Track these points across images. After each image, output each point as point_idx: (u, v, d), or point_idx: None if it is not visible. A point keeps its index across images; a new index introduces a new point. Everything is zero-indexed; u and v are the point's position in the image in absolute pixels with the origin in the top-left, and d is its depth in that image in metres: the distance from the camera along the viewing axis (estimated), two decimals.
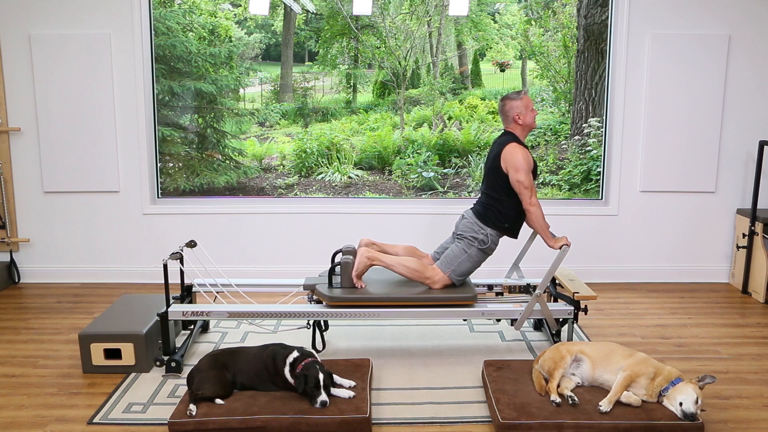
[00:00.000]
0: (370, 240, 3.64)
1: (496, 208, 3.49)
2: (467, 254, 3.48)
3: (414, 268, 3.46)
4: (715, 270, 5.04)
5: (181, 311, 3.40)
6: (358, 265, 3.44)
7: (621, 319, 4.22)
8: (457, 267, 3.48)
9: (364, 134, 4.97)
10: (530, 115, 3.51)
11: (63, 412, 2.96)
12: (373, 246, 3.62)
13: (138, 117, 4.77)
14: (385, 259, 3.48)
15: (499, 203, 3.48)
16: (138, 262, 4.97)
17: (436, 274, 3.48)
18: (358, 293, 3.41)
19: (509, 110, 3.50)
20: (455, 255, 3.50)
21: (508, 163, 3.40)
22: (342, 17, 4.82)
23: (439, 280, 3.48)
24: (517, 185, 3.39)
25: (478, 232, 3.49)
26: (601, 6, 4.77)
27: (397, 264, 3.48)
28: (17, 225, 4.91)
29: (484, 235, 3.48)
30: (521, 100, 3.49)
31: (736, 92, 4.78)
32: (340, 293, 3.40)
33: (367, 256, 3.45)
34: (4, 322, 4.14)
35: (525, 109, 3.49)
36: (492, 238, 3.50)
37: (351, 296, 3.39)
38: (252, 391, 2.93)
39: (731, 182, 4.92)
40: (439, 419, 2.89)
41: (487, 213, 3.51)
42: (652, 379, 2.79)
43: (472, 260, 3.50)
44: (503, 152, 3.42)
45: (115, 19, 4.65)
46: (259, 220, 4.94)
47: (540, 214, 3.41)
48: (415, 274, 3.47)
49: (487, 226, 3.49)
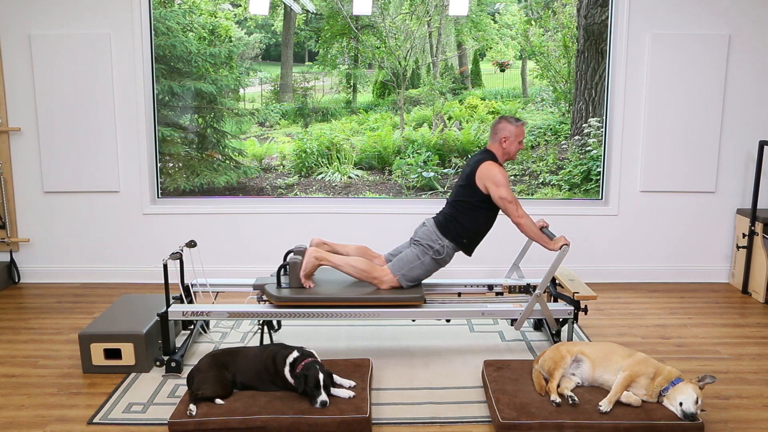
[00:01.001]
0: (321, 240, 3.63)
1: (458, 222, 3.49)
2: (420, 261, 3.48)
3: (362, 268, 3.45)
4: (715, 270, 5.04)
5: (181, 311, 3.40)
6: (305, 266, 3.43)
7: (621, 319, 4.22)
8: (408, 272, 3.47)
9: (364, 134, 4.97)
10: (516, 145, 3.52)
11: (63, 412, 2.96)
12: (323, 246, 3.60)
13: (138, 117, 4.77)
14: (333, 259, 3.46)
15: (461, 217, 3.49)
16: (138, 262, 4.97)
17: (384, 275, 3.46)
18: (306, 293, 3.39)
19: (500, 130, 3.51)
20: (408, 260, 3.49)
21: (487, 180, 3.40)
22: (342, 17, 4.83)
23: (387, 281, 3.46)
24: (500, 202, 3.38)
25: (435, 241, 3.49)
26: (601, 6, 4.77)
27: (345, 264, 3.46)
28: (17, 225, 4.92)
29: (440, 246, 3.48)
30: (516, 127, 3.50)
31: (736, 92, 4.78)
32: (287, 293, 3.39)
33: (314, 256, 3.43)
34: (4, 322, 4.14)
35: (515, 137, 3.50)
36: (448, 250, 3.50)
37: (298, 296, 3.37)
38: (252, 391, 2.93)
39: (731, 182, 4.92)
40: (439, 419, 2.89)
41: (448, 225, 3.51)
42: (652, 379, 2.79)
43: (424, 267, 3.49)
44: (480, 169, 3.42)
45: (115, 19, 4.65)
46: (259, 220, 4.93)
47: (530, 223, 3.40)
48: (362, 274, 3.46)
49: (445, 237, 3.49)
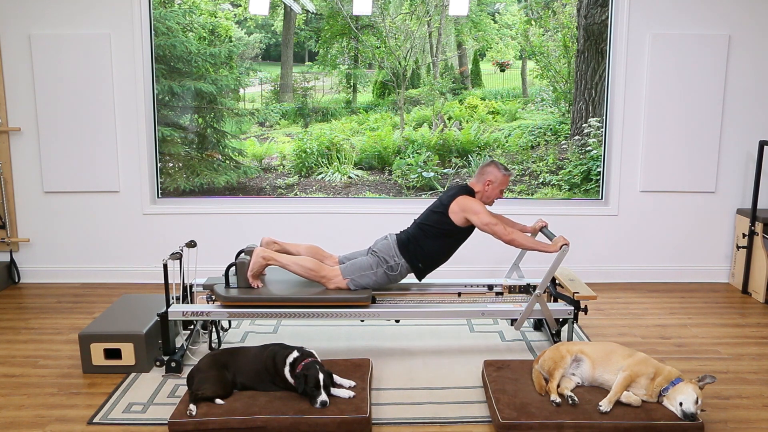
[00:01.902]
0: (272, 239, 3.63)
1: (419, 245, 3.50)
2: (373, 271, 3.48)
3: (309, 267, 3.44)
4: (715, 270, 5.04)
5: (181, 311, 3.40)
6: (253, 265, 3.42)
7: (621, 319, 4.22)
8: (358, 278, 3.47)
9: (364, 134, 4.97)
10: (497, 192, 3.56)
11: (63, 412, 2.96)
12: (273, 245, 3.60)
13: (138, 117, 4.77)
14: (281, 259, 3.45)
15: (425, 241, 3.50)
16: (138, 262, 4.97)
17: (333, 275, 3.46)
18: (252, 293, 3.39)
19: (487, 174, 3.55)
20: (362, 267, 3.49)
21: (467, 212, 3.42)
22: (342, 17, 4.82)
23: (335, 282, 3.46)
24: (486, 228, 3.39)
25: (391, 257, 3.50)
26: (601, 6, 4.77)
27: (292, 263, 3.46)
28: (17, 225, 4.91)
29: (395, 263, 3.50)
30: (503, 176, 3.54)
31: (736, 92, 4.78)
32: (234, 293, 3.39)
33: (262, 256, 3.43)
34: (4, 322, 4.14)
35: (498, 184, 3.55)
36: (401, 269, 3.51)
37: (244, 296, 3.37)
38: (252, 391, 2.93)
39: (731, 182, 4.92)
40: (439, 419, 2.89)
41: (409, 245, 3.52)
42: (652, 379, 2.79)
43: (376, 279, 3.50)
44: (457, 201, 3.45)
45: (115, 19, 4.65)
46: (259, 220, 4.93)
47: (522, 237, 3.40)
48: (310, 273, 3.45)
49: (402, 256, 3.51)
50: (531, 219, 4.18)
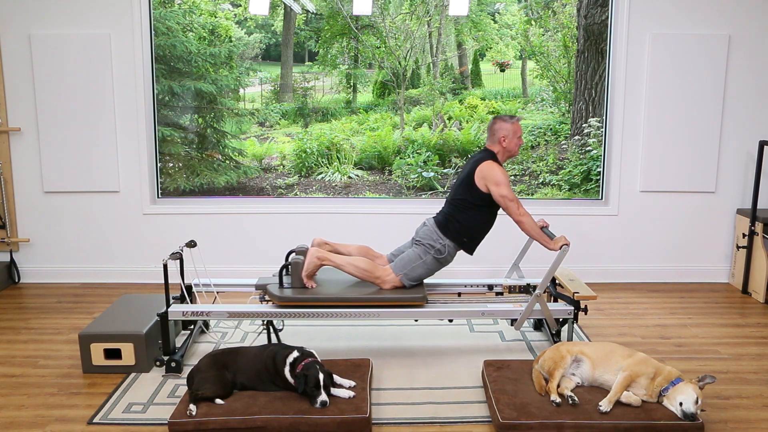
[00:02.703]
0: (323, 239, 3.63)
1: (457, 221, 3.49)
2: (422, 260, 3.48)
3: (364, 268, 3.45)
4: (715, 270, 5.04)
5: (181, 311, 3.40)
6: (307, 266, 3.43)
7: (621, 319, 4.22)
8: (410, 271, 3.47)
9: (364, 134, 4.97)
10: (515, 141, 3.52)
11: (63, 412, 2.96)
12: (325, 246, 3.60)
13: (138, 117, 4.77)
14: (335, 259, 3.46)
15: (461, 216, 3.49)
16: (138, 262, 4.97)
17: (386, 275, 3.47)
18: (307, 293, 3.40)
19: (497, 130, 3.51)
20: (410, 259, 3.49)
21: (488, 179, 3.39)
22: (342, 17, 4.82)
23: (390, 281, 3.46)
24: (501, 200, 3.38)
25: (436, 241, 3.49)
26: (601, 6, 4.77)
27: (347, 264, 3.46)
28: (17, 225, 4.92)
29: (441, 245, 3.48)
30: (512, 124, 3.50)
31: (736, 92, 4.78)
32: (289, 293, 3.39)
33: (316, 256, 3.44)
34: (4, 322, 4.14)
35: (512, 134, 3.50)
36: (449, 249, 3.50)
37: (300, 296, 3.38)
38: (252, 391, 2.93)
39: (731, 182, 4.92)
40: (439, 419, 2.89)
41: (448, 224, 3.51)
42: (652, 379, 2.79)
43: (426, 267, 3.49)
44: (479, 168, 3.42)
45: (115, 19, 4.65)
46: (259, 220, 4.93)
47: (531, 222, 3.40)
48: (365, 274, 3.46)
49: (446, 236, 3.49)
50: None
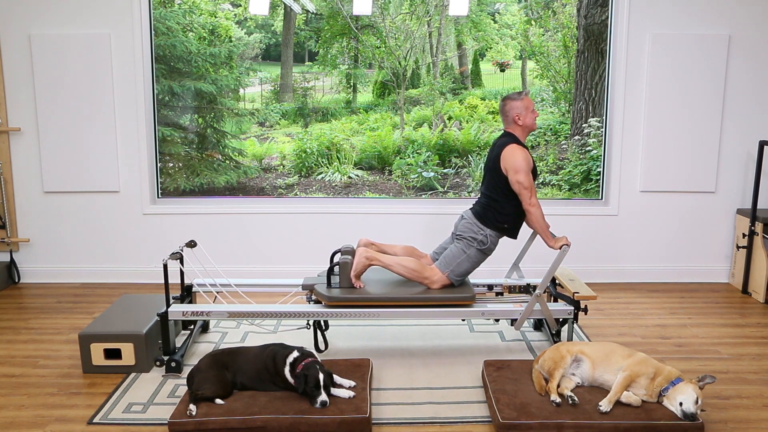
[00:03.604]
0: (369, 240, 3.64)
1: (495, 209, 3.49)
2: (466, 254, 3.49)
3: (412, 268, 3.46)
4: (715, 270, 5.04)
5: (181, 311, 3.40)
6: (356, 266, 3.44)
7: (621, 319, 4.22)
8: (456, 267, 3.48)
9: (364, 134, 4.97)
10: (530, 116, 3.50)
11: (63, 412, 2.96)
12: (371, 246, 3.62)
13: (138, 117, 4.77)
14: (384, 259, 3.48)
15: (498, 204, 3.48)
16: (138, 262, 4.97)
17: (434, 274, 3.48)
18: (357, 293, 3.41)
19: (510, 110, 3.50)
20: (454, 255, 3.50)
21: (508, 164, 3.39)
22: (342, 17, 4.82)
23: (438, 280, 3.48)
24: (516, 186, 3.38)
25: (477, 232, 3.49)
26: (601, 6, 4.77)
27: (396, 264, 3.48)
28: (17, 225, 4.91)
29: (483, 236, 3.49)
30: (522, 101, 3.48)
31: (735, 92, 4.78)
32: (338, 293, 3.40)
33: (365, 256, 3.45)
34: (4, 322, 4.14)
35: (525, 110, 3.48)
36: (491, 238, 3.50)
37: (349, 296, 3.39)
38: (252, 391, 2.93)
39: (731, 182, 4.92)
40: (439, 419, 2.89)
41: (486, 214, 3.51)
42: (652, 379, 2.79)
43: (471, 260, 3.50)
44: (503, 153, 3.42)
45: (115, 19, 4.65)
46: (259, 220, 4.93)
47: (540, 214, 3.40)
48: (413, 274, 3.47)
49: (486, 226, 3.49)
50: None
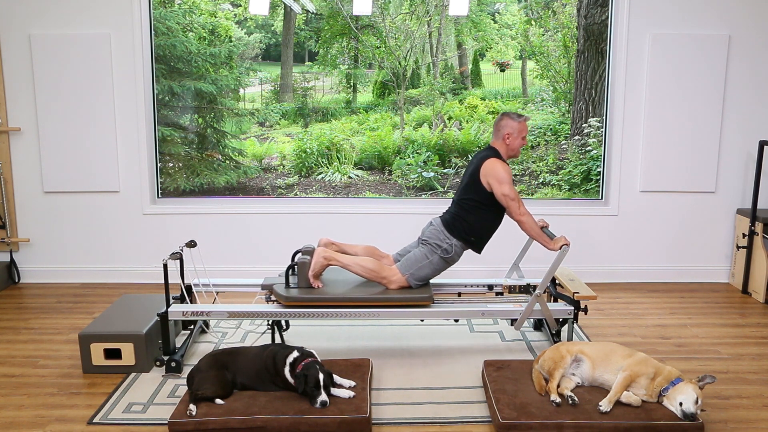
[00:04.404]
0: (329, 240, 3.63)
1: (465, 220, 3.49)
2: (429, 260, 3.48)
3: (370, 268, 3.45)
4: (715, 270, 5.04)
5: (181, 311, 3.40)
6: (314, 265, 3.43)
7: (621, 319, 4.22)
8: (416, 271, 3.47)
9: (364, 134, 4.97)
10: (519, 141, 3.51)
11: (63, 412, 2.96)
12: (332, 246, 3.60)
13: (138, 117, 4.77)
14: (342, 259, 3.46)
15: (468, 215, 3.48)
16: (138, 262, 4.97)
17: (393, 275, 3.47)
18: (314, 293, 3.40)
19: (503, 127, 3.51)
20: (417, 259, 3.49)
21: (490, 177, 3.39)
22: (342, 17, 4.82)
23: (396, 281, 3.46)
24: (503, 199, 3.38)
25: (443, 240, 3.49)
26: (601, 6, 4.77)
27: (354, 264, 3.47)
28: (17, 225, 4.91)
29: (448, 245, 3.48)
30: (519, 123, 3.49)
31: (735, 92, 4.78)
32: (296, 293, 3.39)
33: (323, 256, 3.44)
34: (4, 322, 4.14)
35: (518, 133, 3.50)
36: (456, 249, 3.50)
37: (306, 296, 3.38)
38: (252, 391, 2.93)
39: (731, 182, 4.92)
40: (439, 419, 2.89)
41: (455, 223, 3.50)
42: (652, 379, 2.79)
43: (433, 267, 3.49)
44: (483, 166, 3.42)
45: (115, 19, 4.65)
46: (259, 220, 4.93)
47: (532, 221, 3.39)
48: (371, 274, 3.46)
49: (452, 236, 3.49)
50: None
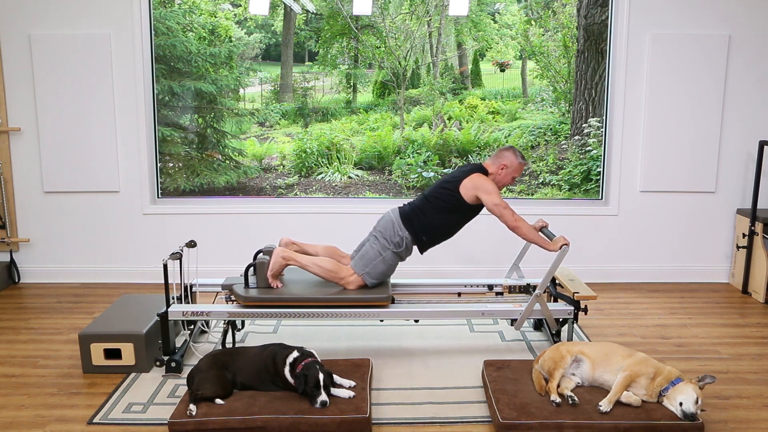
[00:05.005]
0: (290, 239, 3.63)
1: (425, 216, 3.48)
2: (382, 257, 3.47)
3: (328, 269, 3.45)
4: (715, 270, 5.04)
5: (181, 311, 3.40)
6: (273, 265, 3.43)
7: (621, 319, 4.22)
8: (371, 269, 3.47)
9: (364, 134, 4.97)
10: (509, 176, 3.54)
11: (63, 412, 2.96)
12: (292, 245, 3.60)
13: (138, 117, 4.77)
14: (300, 259, 3.46)
15: (431, 214, 3.48)
16: (138, 262, 4.97)
17: (349, 275, 3.46)
18: (272, 293, 3.39)
19: (504, 159, 3.52)
20: (370, 257, 3.48)
21: (479, 189, 3.40)
22: (342, 17, 4.82)
23: (353, 281, 3.46)
24: (496, 209, 3.37)
25: (395, 234, 3.48)
26: (601, 6, 4.77)
27: (312, 264, 3.46)
28: (17, 225, 4.91)
29: (400, 238, 3.47)
30: (519, 162, 3.52)
31: (736, 92, 4.78)
32: (254, 293, 3.39)
33: (282, 256, 3.44)
34: (4, 322, 4.14)
35: (512, 170, 3.53)
36: (407, 242, 3.49)
37: (264, 296, 3.38)
38: (252, 391, 2.93)
39: (731, 182, 4.92)
40: (439, 419, 2.89)
41: (413, 217, 3.50)
42: (652, 379, 2.79)
43: (387, 263, 3.49)
44: (470, 178, 3.43)
45: (115, 19, 4.65)
46: (259, 220, 4.93)
47: (527, 226, 3.39)
48: (329, 275, 3.46)
49: (406, 229, 3.48)
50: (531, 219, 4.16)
